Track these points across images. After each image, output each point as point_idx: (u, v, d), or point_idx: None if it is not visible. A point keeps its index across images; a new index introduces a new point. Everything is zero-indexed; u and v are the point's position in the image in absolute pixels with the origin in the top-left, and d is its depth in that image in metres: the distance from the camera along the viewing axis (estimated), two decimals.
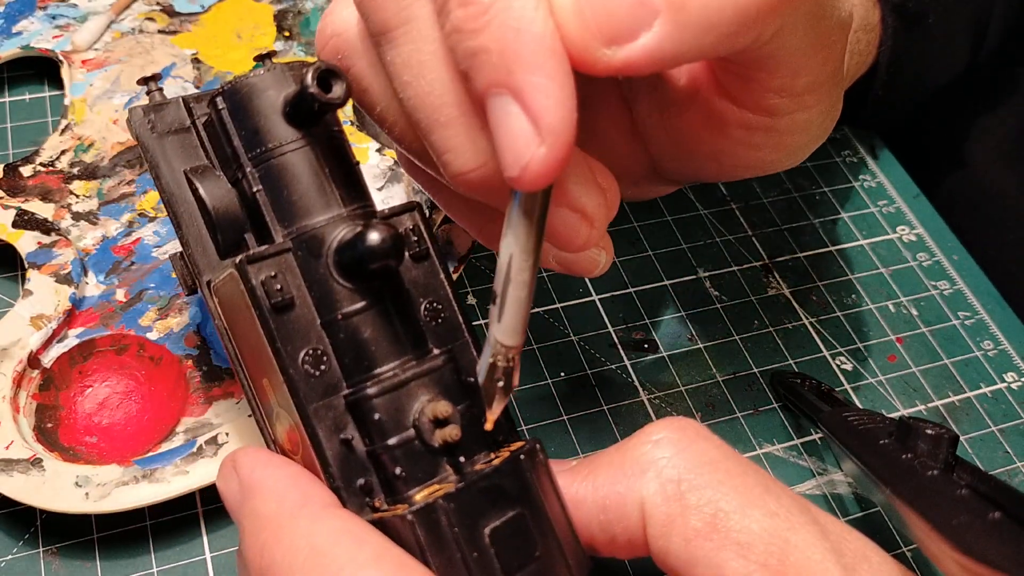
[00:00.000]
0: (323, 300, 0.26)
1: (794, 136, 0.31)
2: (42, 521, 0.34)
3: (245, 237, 0.28)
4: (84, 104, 0.44)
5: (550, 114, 0.22)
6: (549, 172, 0.23)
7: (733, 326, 0.43)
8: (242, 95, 0.28)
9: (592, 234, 0.27)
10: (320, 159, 0.27)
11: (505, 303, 0.25)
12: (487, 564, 0.25)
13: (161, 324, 0.38)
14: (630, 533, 0.26)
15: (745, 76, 0.29)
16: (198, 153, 0.30)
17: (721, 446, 0.27)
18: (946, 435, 0.29)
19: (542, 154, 0.22)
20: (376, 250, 0.25)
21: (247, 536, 0.25)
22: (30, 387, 0.35)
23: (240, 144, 0.28)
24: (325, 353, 0.26)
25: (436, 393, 0.26)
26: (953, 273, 0.47)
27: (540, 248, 0.25)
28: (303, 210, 0.27)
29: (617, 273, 0.44)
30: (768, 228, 0.47)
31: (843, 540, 0.25)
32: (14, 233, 0.38)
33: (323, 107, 0.26)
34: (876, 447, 0.31)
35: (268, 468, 0.26)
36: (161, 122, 0.30)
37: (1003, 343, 0.45)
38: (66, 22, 0.46)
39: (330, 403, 0.26)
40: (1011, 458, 0.41)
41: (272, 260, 0.26)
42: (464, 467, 0.26)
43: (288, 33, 0.48)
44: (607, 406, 0.40)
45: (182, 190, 0.30)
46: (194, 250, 0.30)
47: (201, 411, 0.36)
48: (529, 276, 0.25)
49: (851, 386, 0.42)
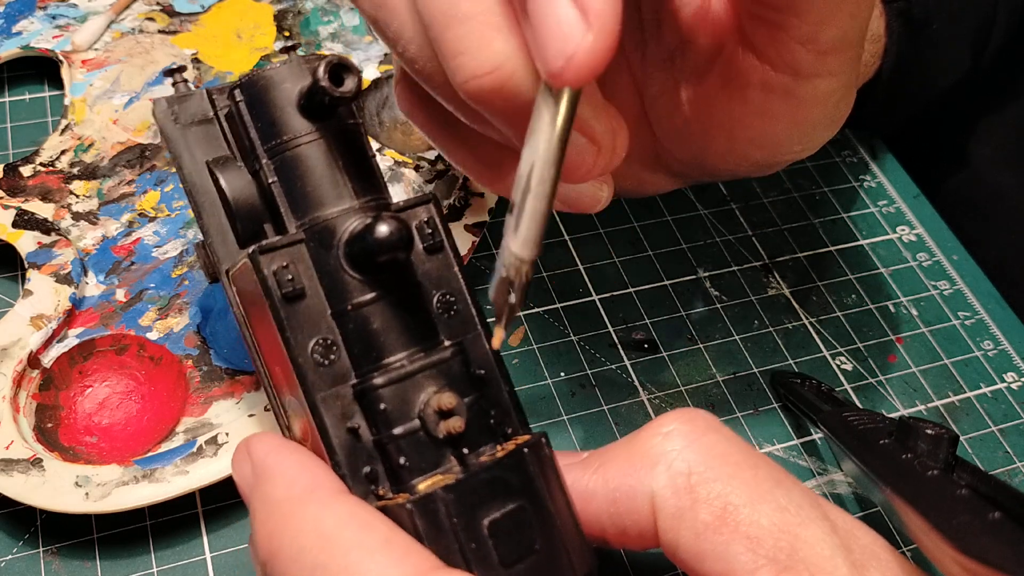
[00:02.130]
0: (333, 291, 0.27)
1: (811, 108, 0.31)
2: (42, 521, 0.34)
3: (264, 227, 0.28)
4: (84, 104, 0.43)
5: (598, 0, 0.21)
6: (596, 64, 0.22)
7: (733, 326, 0.43)
8: (259, 87, 0.28)
9: (598, 162, 0.26)
10: (334, 151, 0.27)
11: (523, 214, 0.24)
12: (485, 555, 0.25)
13: (161, 324, 0.38)
14: (641, 526, 0.26)
15: (774, 21, 0.28)
16: (220, 144, 0.30)
17: (732, 438, 0.27)
18: (946, 435, 0.29)
19: (589, 42, 0.21)
20: (384, 243, 0.25)
21: (257, 520, 0.25)
22: (30, 387, 0.35)
23: (256, 136, 0.28)
24: (335, 343, 0.27)
25: (443, 385, 0.27)
26: (953, 273, 0.47)
27: (563, 158, 0.24)
28: (316, 202, 0.27)
29: (617, 273, 0.44)
30: (768, 228, 0.47)
31: (853, 536, 0.25)
32: (14, 233, 0.38)
33: (334, 100, 0.26)
34: (876, 447, 0.31)
35: (280, 453, 0.26)
36: (184, 113, 0.30)
37: (1003, 343, 0.45)
38: (66, 22, 0.46)
39: (338, 392, 0.26)
40: (1011, 458, 0.41)
41: (284, 251, 0.26)
42: (468, 459, 0.26)
43: (288, 33, 0.48)
44: (607, 406, 0.40)
45: (204, 180, 0.30)
46: (214, 239, 0.30)
47: (201, 411, 0.36)
48: (550, 187, 0.24)
49: (851, 386, 0.42)
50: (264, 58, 0.47)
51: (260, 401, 0.36)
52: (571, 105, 0.23)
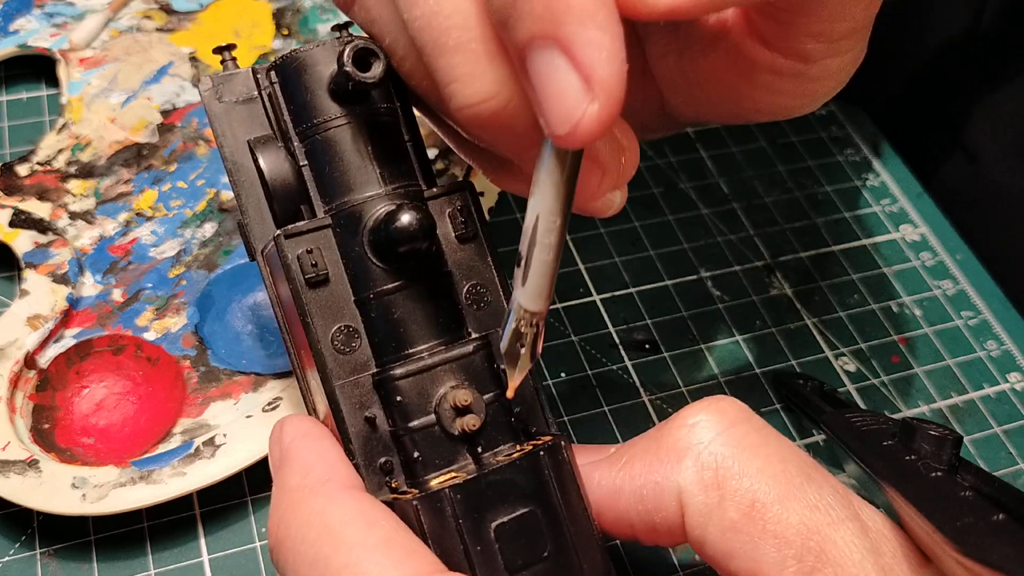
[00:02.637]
0: (358, 278, 0.27)
1: (821, 83, 0.30)
2: (39, 523, 0.34)
3: (301, 209, 0.28)
4: (81, 103, 0.43)
5: (602, 68, 0.21)
6: (601, 129, 0.21)
7: (735, 326, 0.43)
8: (293, 68, 0.28)
9: (603, 185, 0.26)
10: (364, 136, 0.27)
11: (530, 266, 0.24)
12: (490, 559, 0.24)
13: (158, 324, 0.37)
14: (669, 523, 0.26)
15: (784, 20, 0.27)
16: (263, 124, 0.30)
17: (762, 428, 0.26)
18: (949, 436, 0.29)
19: (595, 111, 0.21)
20: (404, 233, 0.25)
21: (272, 505, 0.25)
22: (27, 388, 0.35)
23: (289, 118, 0.28)
24: (357, 331, 0.26)
25: (463, 380, 0.26)
26: (956, 273, 0.47)
27: (570, 209, 0.24)
28: (344, 187, 0.27)
29: (618, 273, 0.44)
30: (770, 228, 0.47)
31: (883, 538, 0.25)
32: (10, 233, 0.38)
33: (358, 85, 0.26)
34: (879, 448, 0.30)
35: (304, 440, 0.26)
36: (229, 92, 0.30)
37: (1007, 343, 0.44)
38: (63, 20, 0.46)
39: (358, 381, 0.26)
40: (1015, 459, 0.40)
41: (310, 235, 0.26)
42: (484, 457, 0.26)
43: (287, 31, 0.48)
44: (608, 407, 0.39)
45: (244, 159, 0.30)
46: (251, 219, 0.30)
47: (198, 412, 0.35)
48: (557, 238, 0.24)
49: (854, 387, 0.42)
50: (262, 56, 0.46)
51: (258, 402, 0.36)
52: (575, 160, 0.23)
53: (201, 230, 0.40)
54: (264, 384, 0.36)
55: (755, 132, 0.51)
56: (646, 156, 0.49)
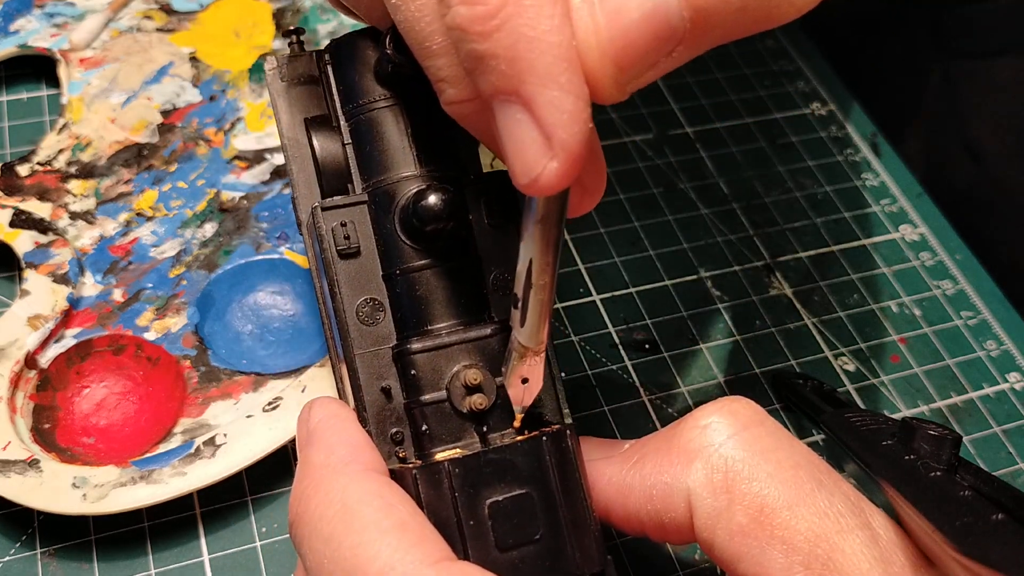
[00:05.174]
0: (387, 253, 0.28)
1: None
2: (40, 522, 0.34)
3: (349, 186, 0.29)
4: (81, 103, 0.43)
5: (564, 129, 0.21)
6: (560, 184, 0.22)
7: (735, 326, 0.43)
8: (344, 51, 0.29)
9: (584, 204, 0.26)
10: (405, 119, 0.28)
11: (527, 308, 0.25)
12: (481, 535, 0.25)
13: (159, 324, 0.37)
14: (678, 523, 0.26)
15: None
16: (321, 104, 0.31)
17: (775, 431, 0.26)
18: (949, 436, 0.29)
19: (553, 168, 0.21)
20: (430, 212, 0.26)
21: (295, 481, 0.26)
22: (27, 388, 0.35)
23: (338, 98, 0.29)
24: (382, 304, 0.28)
25: (477, 360, 0.27)
26: (956, 273, 0.47)
27: (559, 251, 0.25)
28: (382, 166, 0.28)
29: (618, 273, 0.44)
30: (770, 228, 0.47)
31: (894, 548, 0.25)
32: (11, 233, 0.38)
33: (397, 68, 0.27)
34: (879, 448, 0.30)
35: (332, 421, 0.27)
36: (292, 73, 0.31)
37: (1006, 343, 0.44)
38: (63, 20, 0.46)
39: (378, 352, 0.27)
40: (1014, 459, 0.40)
41: (346, 209, 0.28)
42: (491, 438, 0.27)
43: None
44: (608, 407, 0.39)
45: (299, 136, 0.31)
46: (301, 193, 0.31)
47: (199, 412, 0.35)
48: (549, 279, 0.25)
49: (853, 387, 0.42)
50: (262, 56, 0.46)
51: (258, 402, 0.36)
52: (560, 202, 0.24)
53: (201, 230, 0.40)
54: (264, 384, 0.36)
55: (755, 132, 0.51)
56: (646, 156, 0.49)
